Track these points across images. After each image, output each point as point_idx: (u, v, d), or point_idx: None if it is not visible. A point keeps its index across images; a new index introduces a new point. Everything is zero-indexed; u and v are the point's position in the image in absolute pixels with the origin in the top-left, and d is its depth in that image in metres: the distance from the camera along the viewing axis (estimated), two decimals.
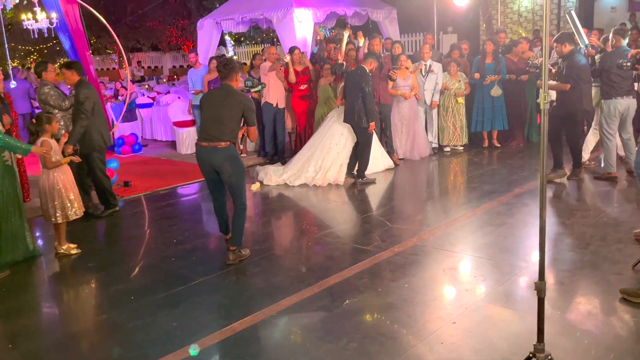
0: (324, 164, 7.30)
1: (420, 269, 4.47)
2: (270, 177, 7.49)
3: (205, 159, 4.70)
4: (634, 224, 5.11)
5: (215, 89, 4.94)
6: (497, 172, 7.50)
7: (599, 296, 3.83)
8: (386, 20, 11.60)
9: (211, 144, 4.63)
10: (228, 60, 5.11)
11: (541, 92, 2.85)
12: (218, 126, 4.63)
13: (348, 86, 7.13)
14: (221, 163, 4.65)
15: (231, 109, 4.65)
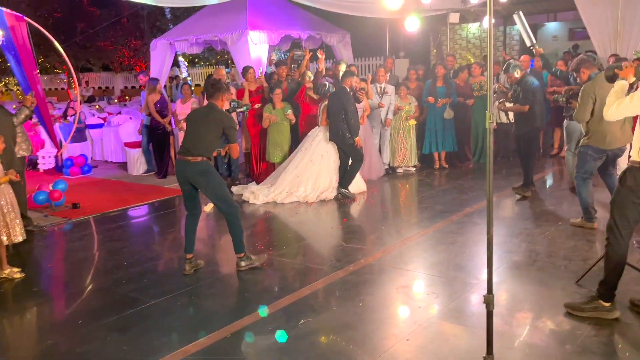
0: (316, 184, 7.45)
1: (374, 288, 4.51)
2: (256, 196, 7.50)
3: (180, 171, 4.92)
4: (575, 243, 5.33)
5: (201, 107, 5.11)
6: (448, 193, 7.68)
7: (545, 311, 3.95)
8: (340, 44, 11.81)
9: (184, 157, 4.82)
10: (216, 81, 5.26)
11: (487, 112, 2.97)
12: (194, 141, 4.82)
13: (331, 106, 7.36)
14: (194, 177, 4.81)
15: (210, 126, 4.84)
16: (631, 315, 3.82)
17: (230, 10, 10.46)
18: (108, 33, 20.88)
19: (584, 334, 3.60)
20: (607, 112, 3.65)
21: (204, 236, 6.41)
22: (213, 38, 10.87)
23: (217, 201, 4.89)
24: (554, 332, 3.66)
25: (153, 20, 21.21)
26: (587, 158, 5.49)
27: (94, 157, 11.64)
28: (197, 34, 10.94)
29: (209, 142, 4.86)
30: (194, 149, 4.81)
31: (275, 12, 10.91)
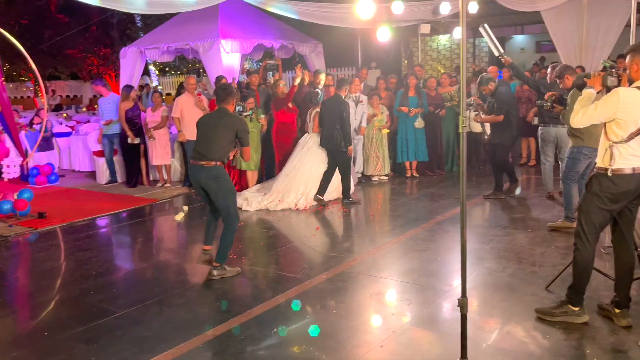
0: (306, 190, 7.51)
1: (348, 295, 4.50)
2: (249, 203, 7.51)
3: (194, 175, 4.97)
4: (545, 249, 5.42)
5: (212, 112, 5.20)
6: (420, 201, 7.74)
7: (516, 316, 4.00)
8: (312, 54, 11.85)
9: (199, 162, 4.87)
10: (227, 85, 5.35)
11: (460, 117, 3.02)
12: (207, 146, 4.86)
13: (325, 113, 7.48)
14: (206, 181, 4.85)
15: (223, 130, 4.88)
16: (599, 319, 3.89)
17: (202, 18, 10.40)
18: (77, 41, 20.54)
19: (554, 338, 3.65)
20: (573, 120, 3.74)
21: (174, 246, 6.32)
22: (184, 46, 10.78)
23: (222, 208, 4.93)
24: (524, 337, 3.70)
25: (123, 28, 20.97)
26: (580, 158, 5.72)
27: (62, 166, 11.40)
28: (168, 42, 10.83)
29: (223, 146, 4.90)
30: (208, 153, 4.84)
31: (248, 21, 10.90)
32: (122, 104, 8.95)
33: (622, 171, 3.57)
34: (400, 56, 15.77)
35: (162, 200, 8.29)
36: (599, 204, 3.67)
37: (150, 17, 18.55)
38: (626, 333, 3.67)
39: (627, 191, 3.60)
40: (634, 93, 3.50)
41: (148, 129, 8.94)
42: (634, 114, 3.48)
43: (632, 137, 3.51)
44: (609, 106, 3.52)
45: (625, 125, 3.51)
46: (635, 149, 3.55)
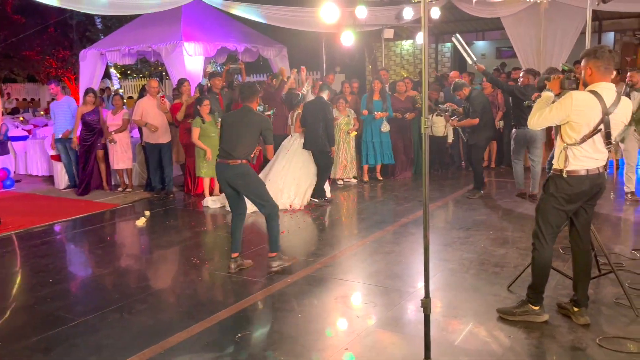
0: (299, 190, 7.63)
1: (313, 299, 4.48)
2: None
3: (220, 174, 5.04)
4: (506, 250, 5.51)
5: (236, 110, 5.26)
6: (385, 204, 7.79)
7: (479, 316, 4.04)
8: (277, 57, 11.83)
9: (225, 161, 4.96)
10: (250, 84, 5.37)
11: (422, 118, 3.05)
12: (233, 144, 4.94)
13: (309, 114, 7.60)
14: (234, 179, 4.95)
15: (248, 129, 4.96)
16: (559, 317, 3.97)
17: (165, 21, 10.27)
18: (34, 42, 19.96)
19: (515, 338, 3.70)
20: (530, 121, 3.82)
21: (136, 251, 6.18)
22: (146, 49, 10.62)
23: (258, 201, 5.01)
24: (487, 336, 3.74)
25: (83, 30, 20.50)
26: None
27: (18, 170, 11.05)
28: (129, 45, 10.65)
29: (248, 144, 4.98)
30: (234, 152, 4.92)
31: (211, 24, 10.81)
32: (80, 108, 8.68)
33: (576, 172, 3.66)
34: (364, 61, 15.88)
35: (123, 205, 8.11)
36: (555, 205, 3.75)
37: (111, 19, 18.19)
38: (584, 331, 3.75)
39: (582, 192, 3.69)
40: (587, 96, 3.58)
41: (109, 133, 8.74)
42: (587, 117, 3.56)
43: (585, 139, 3.60)
44: (562, 109, 3.60)
45: (578, 127, 3.60)
46: (589, 151, 3.64)
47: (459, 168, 10.09)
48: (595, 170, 3.67)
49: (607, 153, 3.69)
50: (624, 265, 4.90)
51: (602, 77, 3.60)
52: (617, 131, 3.64)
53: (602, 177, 3.72)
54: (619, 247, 5.44)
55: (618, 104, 3.57)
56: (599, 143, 3.61)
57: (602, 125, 3.55)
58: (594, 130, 3.57)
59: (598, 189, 3.72)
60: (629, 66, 12.70)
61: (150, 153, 8.43)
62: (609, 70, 3.60)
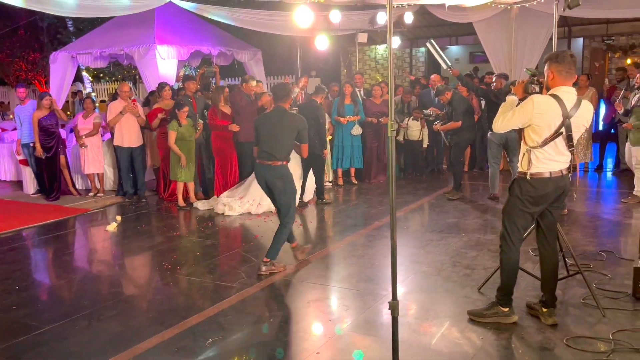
0: None
1: (285, 303, 4.47)
2: (231, 207, 7.49)
3: (260, 175, 5.15)
4: (477, 252, 5.57)
5: (271, 111, 5.33)
6: (358, 207, 7.81)
7: (451, 318, 4.08)
8: (251, 61, 11.77)
9: (265, 162, 5.05)
10: (285, 84, 5.44)
11: (389, 122, 3.08)
12: (273, 146, 5.03)
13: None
14: (273, 180, 5.05)
15: (286, 130, 5.06)
16: (528, 318, 4.02)
17: (137, 23, 10.15)
18: (3, 45, 19.53)
19: (486, 339, 3.74)
20: (495, 125, 3.88)
21: (106, 257, 6.08)
22: (119, 52, 10.46)
23: (284, 206, 5.11)
24: (458, 338, 3.77)
25: (54, 32, 20.11)
26: None
27: None
28: (101, 48, 10.49)
29: (287, 145, 5.09)
30: (275, 152, 5.02)
31: (185, 27, 10.71)
32: (35, 113, 8.45)
33: (540, 175, 3.72)
34: (339, 65, 15.94)
35: (94, 210, 7.98)
36: (520, 207, 3.81)
37: (83, 22, 17.88)
38: (552, 331, 3.81)
39: (546, 194, 3.75)
40: (548, 100, 3.64)
41: (79, 137, 8.59)
42: (548, 120, 3.62)
43: (547, 142, 3.66)
44: (524, 112, 3.66)
45: (540, 130, 3.66)
46: (552, 154, 3.70)
47: (432, 172, 10.17)
48: (558, 172, 3.73)
49: (570, 155, 3.75)
50: (591, 266, 4.99)
51: (563, 81, 3.67)
52: (578, 134, 3.71)
53: (566, 179, 3.79)
54: (589, 248, 5.54)
55: (578, 107, 3.64)
56: (561, 146, 3.68)
57: (563, 128, 3.62)
58: (555, 134, 3.63)
59: (562, 191, 3.79)
60: (597, 71, 12.99)
61: (122, 157, 8.31)
62: (570, 75, 3.67)
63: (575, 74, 3.72)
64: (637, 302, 4.19)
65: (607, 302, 4.20)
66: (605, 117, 9.94)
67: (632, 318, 3.96)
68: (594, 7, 9.35)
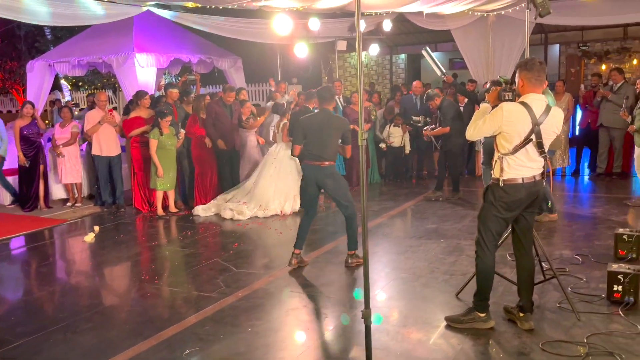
0: (289, 196, 7.83)
1: (264, 312, 4.44)
2: (241, 212, 7.62)
3: (311, 176, 5.36)
4: (456, 258, 5.60)
5: (316, 113, 5.50)
6: (339, 214, 7.76)
7: (429, 324, 4.09)
8: (232, 69, 11.76)
9: (314, 162, 5.28)
10: (328, 87, 5.66)
11: (359, 131, 3.11)
12: (322, 147, 5.26)
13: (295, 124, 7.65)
14: (323, 180, 5.30)
15: (333, 131, 5.28)
16: (505, 323, 4.05)
17: (116, 31, 10.08)
18: None
19: (463, 345, 3.76)
20: (468, 132, 3.93)
21: (83, 268, 6.01)
22: (97, 60, 10.38)
23: (343, 201, 5.34)
24: (436, 344, 3.79)
25: (31, 40, 19.90)
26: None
27: None
28: (79, 56, 10.40)
29: (334, 146, 5.33)
30: (323, 154, 5.25)
31: (164, 35, 10.66)
32: (17, 122, 8.34)
33: (513, 181, 3.76)
34: (320, 72, 15.97)
35: (71, 221, 7.87)
36: (494, 213, 3.84)
37: (61, 30, 17.72)
38: (529, 336, 3.84)
39: (519, 200, 3.79)
40: (517, 108, 3.69)
41: (56, 146, 8.49)
42: (517, 128, 3.67)
43: (518, 149, 3.70)
44: (494, 120, 3.71)
45: (510, 138, 3.70)
46: (523, 160, 3.74)
47: (413, 178, 10.21)
48: (531, 178, 3.77)
49: (543, 161, 3.79)
50: (567, 270, 5.05)
51: (533, 89, 3.71)
52: (548, 140, 3.75)
53: (539, 185, 3.82)
54: (565, 252, 5.60)
55: (547, 114, 3.68)
56: (533, 152, 3.72)
57: (532, 135, 3.66)
58: (525, 140, 3.67)
59: (535, 196, 3.83)
60: (573, 77, 13.19)
61: (100, 166, 8.22)
62: (539, 82, 3.72)
63: (545, 80, 3.77)
64: (611, 306, 4.24)
65: (582, 306, 4.25)
66: (582, 122, 10.09)
67: (606, 321, 4.01)
68: (569, 14, 9.52)
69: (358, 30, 3.17)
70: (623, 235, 5.24)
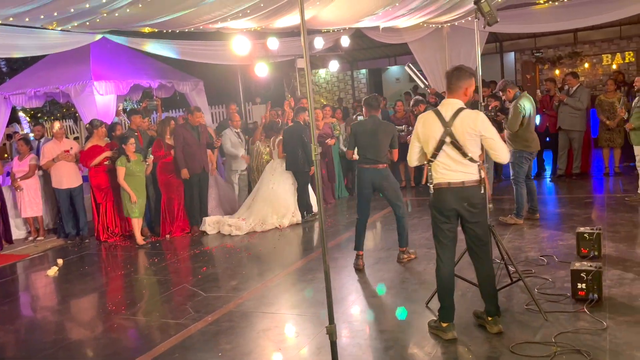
0: (288, 210, 8.12)
1: (234, 336, 4.37)
2: (239, 227, 7.85)
3: (367, 178, 5.69)
4: (425, 267, 5.63)
5: (366, 120, 5.85)
6: (309, 230, 7.79)
7: (398, 335, 4.09)
8: (193, 92, 11.68)
9: (372, 166, 5.64)
10: (375, 96, 5.96)
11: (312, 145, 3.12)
12: (377, 151, 5.63)
13: (288, 139, 8.12)
14: (380, 182, 5.68)
15: (384, 136, 5.65)
16: (476, 328, 4.06)
17: (72, 60, 9.93)
18: None
19: (435, 352, 3.76)
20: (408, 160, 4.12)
21: (47, 303, 5.83)
22: (54, 90, 10.20)
23: (397, 201, 5.73)
24: (406, 354, 3.79)
25: None
26: (524, 161, 6.78)
27: None
28: (35, 87, 10.19)
29: (386, 149, 5.70)
30: (379, 157, 5.63)
31: (122, 61, 10.55)
32: None
33: (439, 186, 3.88)
34: (283, 90, 16.03)
35: (34, 255, 7.66)
36: (435, 221, 3.95)
37: (16, 62, 17.43)
38: (498, 339, 3.86)
39: (447, 203, 3.84)
40: (428, 115, 3.93)
41: (15, 179, 8.28)
42: (429, 132, 3.86)
43: (435, 153, 3.84)
44: (415, 132, 4.00)
45: (426, 144, 3.90)
46: (448, 164, 3.83)
47: None
48: (459, 183, 3.81)
49: (475, 167, 3.81)
50: (533, 271, 5.12)
51: (449, 94, 3.92)
52: (468, 142, 3.75)
53: (469, 191, 3.82)
54: (530, 254, 5.68)
55: (457, 116, 3.78)
56: (456, 155, 3.79)
57: (447, 137, 3.78)
58: (440, 142, 3.81)
59: (466, 202, 3.82)
60: (529, 83, 13.54)
61: (62, 198, 8.04)
62: (452, 89, 3.89)
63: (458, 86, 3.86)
64: (577, 304, 4.31)
65: (549, 306, 4.31)
66: (540, 126, 10.33)
67: (572, 319, 4.07)
68: (521, 22, 9.81)
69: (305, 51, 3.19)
70: (584, 233, 5.36)
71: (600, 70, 13.82)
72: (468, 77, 3.86)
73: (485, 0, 4.43)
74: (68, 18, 6.60)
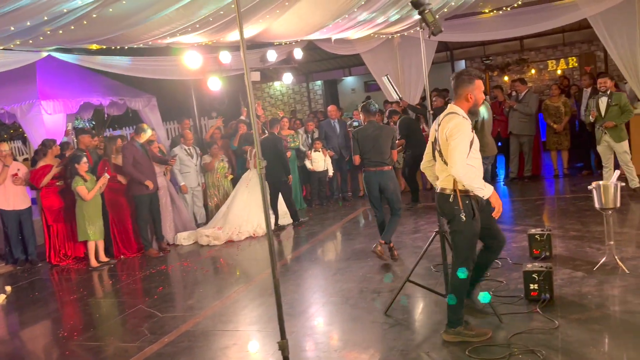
0: (262, 219, 7.98)
1: (192, 356, 4.28)
2: (217, 237, 7.97)
3: (375, 180, 6.04)
4: (383, 276, 5.66)
5: (366, 126, 6.15)
6: (266, 243, 7.71)
7: (357, 346, 4.08)
8: (146, 108, 11.46)
9: (378, 168, 6.01)
10: (370, 102, 6.28)
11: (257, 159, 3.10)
12: (381, 154, 6.00)
13: (264, 150, 7.92)
14: (387, 183, 6.02)
15: (386, 139, 6.03)
16: (433, 337, 4.09)
17: (17, 79, 9.60)
18: None
19: None
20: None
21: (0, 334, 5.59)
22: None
23: (396, 201, 6.09)
24: None
25: None
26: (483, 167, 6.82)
27: None
28: None
29: (388, 151, 6.04)
30: (384, 159, 6.00)
31: (71, 80, 10.29)
32: None
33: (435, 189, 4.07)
34: (239, 103, 15.94)
35: None
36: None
37: None
38: (455, 344, 3.89)
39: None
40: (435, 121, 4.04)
41: None
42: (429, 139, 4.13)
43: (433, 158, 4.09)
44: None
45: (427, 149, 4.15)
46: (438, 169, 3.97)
47: (337, 199, 10.30)
48: (439, 190, 3.90)
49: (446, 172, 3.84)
50: (487, 274, 5.19)
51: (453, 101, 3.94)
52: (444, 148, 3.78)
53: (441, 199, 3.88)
54: None
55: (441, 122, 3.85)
56: (440, 161, 3.88)
57: (436, 143, 3.89)
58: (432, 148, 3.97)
59: (439, 209, 3.91)
60: None
61: (9, 222, 7.72)
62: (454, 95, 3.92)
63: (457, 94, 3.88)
64: (530, 304, 4.40)
65: (504, 308, 4.39)
66: (492, 131, 10.58)
67: (526, 320, 4.15)
68: (470, 31, 10.04)
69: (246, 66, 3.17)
70: (535, 235, 5.49)
71: (547, 75, 14.29)
72: (467, 83, 3.80)
73: (429, 10, 4.49)
74: (10, 36, 6.41)
